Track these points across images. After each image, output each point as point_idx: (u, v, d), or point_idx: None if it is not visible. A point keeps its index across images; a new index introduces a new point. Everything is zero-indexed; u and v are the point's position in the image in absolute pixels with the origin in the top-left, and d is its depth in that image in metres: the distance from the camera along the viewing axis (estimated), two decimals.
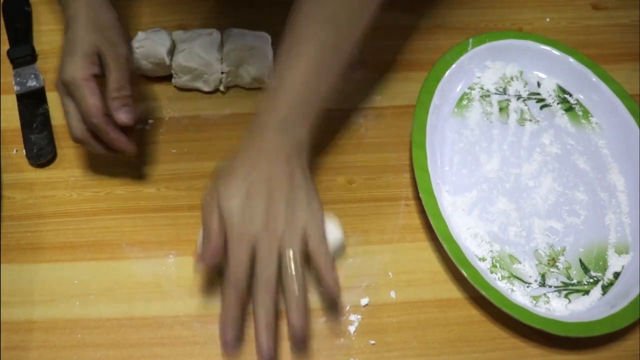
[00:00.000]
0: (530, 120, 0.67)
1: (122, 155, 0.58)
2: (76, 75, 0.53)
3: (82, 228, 0.59)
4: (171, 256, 0.58)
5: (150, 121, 0.65)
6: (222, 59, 0.65)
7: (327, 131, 0.65)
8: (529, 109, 0.68)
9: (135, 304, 0.56)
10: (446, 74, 0.66)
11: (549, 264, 0.59)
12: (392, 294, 0.57)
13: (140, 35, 0.65)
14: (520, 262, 0.59)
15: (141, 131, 0.65)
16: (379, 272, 0.58)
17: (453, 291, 0.58)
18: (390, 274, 0.58)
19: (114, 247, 0.58)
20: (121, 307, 0.55)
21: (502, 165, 0.64)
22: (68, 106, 0.55)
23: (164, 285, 0.56)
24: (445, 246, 0.56)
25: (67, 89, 0.54)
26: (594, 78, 0.68)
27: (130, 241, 0.59)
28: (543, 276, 0.59)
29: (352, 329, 0.55)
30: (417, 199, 0.60)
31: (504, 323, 0.56)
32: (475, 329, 0.56)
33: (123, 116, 0.55)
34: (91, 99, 0.53)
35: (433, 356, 0.55)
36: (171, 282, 0.57)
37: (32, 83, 0.66)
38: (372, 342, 0.55)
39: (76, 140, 0.56)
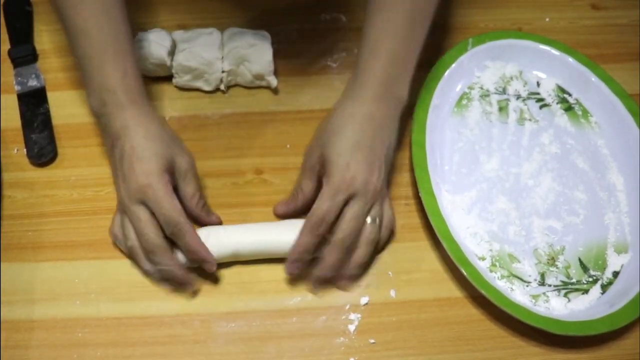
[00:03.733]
0: (529, 120, 0.68)
1: (194, 272, 0.56)
2: (155, 180, 0.52)
3: (83, 227, 0.59)
4: None
5: None
6: (222, 58, 0.65)
7: None
8: (528, 108, 0.68)
9: (136, 303, 0.56)
10: (446, 73, 0.66)
11: (548, 263, 0.59)
12: (392, 293, 0.57)
13: (141, 35, 0.65)
14: (519, 261, 0.59)
15: None
16: (378, 271, 0.58)
17: (453, 290, 0.58)
18: (390, 273, 0.58)
19: (115, 246, 0.58)
20: (122, 306, 0.55)
21: (501, 164, 0.64)
22: (140, 213, 0.52)
23: None
24: (444, 245, 0.56)
25: (140, 195, 0.52)
26: (594, 78, 0.68)
27: None
28: (542, 275, 0.59)
29: (351, 327, 0.55)
30: (417, 198, 0.60)
31: (504, 322, 0.56)
32: (474, 328, 0.56)
33: (214, 217, 0.58)
34: (174, 202, 0.52)
35: (432, 355, 0.55)
36: None
37: (33, 82, 0.66)
38: (372, 341, 0.55)
39: (150, 253, 0.53)
